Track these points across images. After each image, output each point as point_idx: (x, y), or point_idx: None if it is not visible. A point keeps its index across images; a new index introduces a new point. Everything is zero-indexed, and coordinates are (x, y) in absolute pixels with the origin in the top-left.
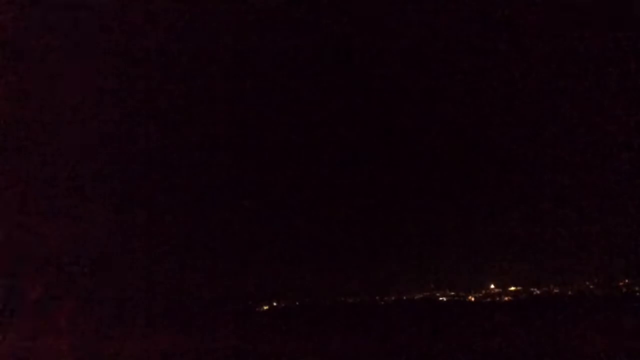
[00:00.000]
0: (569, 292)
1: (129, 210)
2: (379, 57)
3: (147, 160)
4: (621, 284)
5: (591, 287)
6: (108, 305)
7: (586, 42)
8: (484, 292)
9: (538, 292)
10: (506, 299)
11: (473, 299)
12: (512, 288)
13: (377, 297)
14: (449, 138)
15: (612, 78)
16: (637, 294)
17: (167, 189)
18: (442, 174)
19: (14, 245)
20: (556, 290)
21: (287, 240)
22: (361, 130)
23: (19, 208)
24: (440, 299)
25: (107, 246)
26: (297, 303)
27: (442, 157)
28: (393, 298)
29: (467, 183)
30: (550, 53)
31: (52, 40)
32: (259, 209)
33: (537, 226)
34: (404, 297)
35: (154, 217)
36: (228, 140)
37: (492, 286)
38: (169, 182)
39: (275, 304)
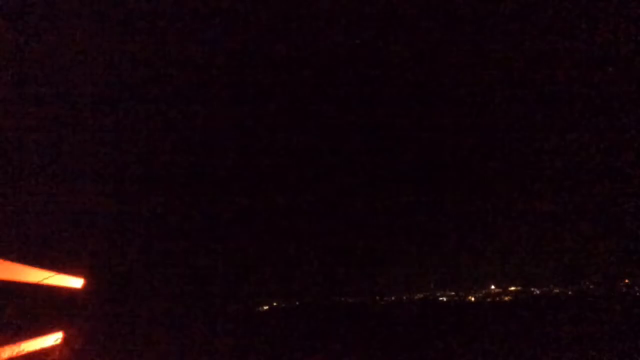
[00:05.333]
0: (569, 292)
1: (128, 210)
2: (380, 57)
3: (147, 160)
4: (621, 284)
5: (591, 287)
6: (108, 306)
7: (586, 42)
8: (484, 292)
9: (538, 292)
10: (506, 299)
11: (473, 299)
12: (512, 288)
13: (377, 297)
14: (449, 138)
15: (611, 78)
16: (637, 294)
17: (167, 188)
18: (442, 174)
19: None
20: (556, 290)
21: (287, 240)
22: (361, 131)
23: (17, 207)
24: (440, 299)
25: (106, 246)
26: (297, 303)
27: (442, 157)
28: (393, 298)
29: (467, 183)
30: (548, 53)
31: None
32: (259, 209)
33: (538, 226)
34: (404, 297)
35: (153, 217)
36: (228, 141)
37: (492, 286)
38: (168, 181)
39: (275, 304)
